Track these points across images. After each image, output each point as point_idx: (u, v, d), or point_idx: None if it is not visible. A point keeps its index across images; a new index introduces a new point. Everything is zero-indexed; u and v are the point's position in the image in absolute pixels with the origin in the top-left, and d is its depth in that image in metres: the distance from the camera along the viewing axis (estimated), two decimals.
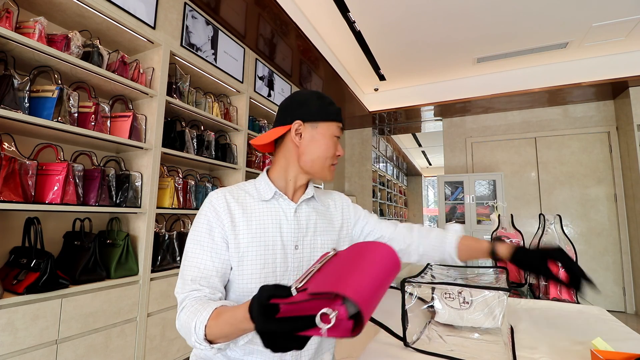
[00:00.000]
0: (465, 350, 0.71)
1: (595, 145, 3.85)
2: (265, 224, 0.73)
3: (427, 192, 10.82)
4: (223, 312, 0.56)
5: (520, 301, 1.09)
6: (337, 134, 0.77)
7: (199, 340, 0.56)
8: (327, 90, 3.77)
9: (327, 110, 0.77)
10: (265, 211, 0.75)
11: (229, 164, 2.35)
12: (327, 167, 0.78)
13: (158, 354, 1.72)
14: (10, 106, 1.22)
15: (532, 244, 1.34)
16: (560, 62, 3.54)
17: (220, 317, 0.55)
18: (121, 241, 1.62)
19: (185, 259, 0.68)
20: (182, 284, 0.66)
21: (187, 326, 0.59)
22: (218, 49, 2.32)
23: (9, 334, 1.16)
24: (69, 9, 1.54)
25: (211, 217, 0.70)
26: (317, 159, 0.76)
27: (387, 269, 0.48)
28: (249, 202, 0.75)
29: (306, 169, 0.78)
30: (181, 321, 0.61)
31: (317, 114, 0.76)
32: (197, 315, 0.57)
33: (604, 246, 3.73)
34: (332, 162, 0.78)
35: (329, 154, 0.77)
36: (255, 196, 0.77)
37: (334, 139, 0.77)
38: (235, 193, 0.75)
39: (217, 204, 0.71)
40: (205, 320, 0.56)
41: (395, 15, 2.74)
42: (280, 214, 0.76)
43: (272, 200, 0.77)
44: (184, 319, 0.60)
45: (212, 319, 0.56)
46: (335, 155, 0.78)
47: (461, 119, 4.55)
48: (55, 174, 1.36)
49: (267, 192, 0.77)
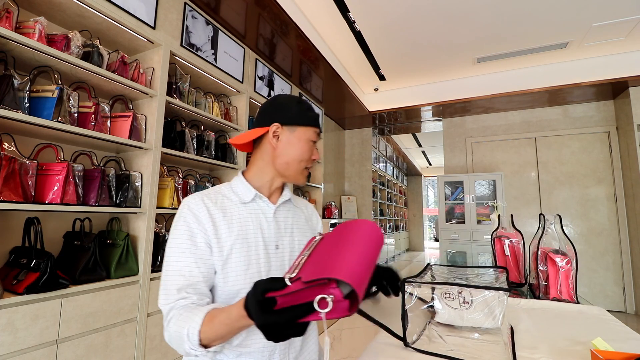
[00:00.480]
0: (465, 350, 0.71)
1: (595, 145, 3.86)
2: (246, 226, 0.74)
3: (427, 192, 10.82)
4: (216, 314, 0.56)
5: (520, 301, 1.09)
6: (314, 138, 0.79)
7: (194, 347, 0.56)
8: (327, 90, 3.78)
9: (305, 115, 0.78)
10: (246, 213, 0.76)
11: (229, 164, 2.35)
12: (301, 171, 0.80)
13: (158, 354, 1.72)
14: (10, 106, 1.22)
15: (532, 244, 1.34)
16: (560, 62, 3.54)
17: (215, 320, 0.55)
18: (121, 241, 1.62)
19: (168, 268, 0.66)
20: (166, 295, 0.63)
21: (178, 335, 0.58)
22: (218, 49, 2.32)
23: (9, 334, 1.16)
24: (69, 9, 1.54)
25: (191, 222, 0.69)
26: (292, 162, 0.78)
27: (373, 245, 0.50)
28: (227, 205, 0.75)
29: (281, 171, 0.79)
30: (171, 332, 0.60)
31: (295, 118, 0.78)
32: (188, 322, 0.57)
33: (604, 246, 3.73)
34: (306, 165, 0.80)
35: (305, 157, 0.78)
36: (233, 199, 0.77)
37: (310, 144, 0.79)
38: (213, 197, 0.75)
39: (196, 209, 0.70)
40: (199, 325, 0.55)
41: (395, 15, 2.75)
42: (260, 216, 0.77)
43: (252, 202, 0.78)
44: (173, 329, 0.59)
45: (206, 323, 0.55)
46: (310, 159, 0.80)
47: (461, 119, 4.56)
48: (55, 174, 1.36)
49: (247, 194, 0.77)
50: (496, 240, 1.40)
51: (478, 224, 3.97)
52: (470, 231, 3.99)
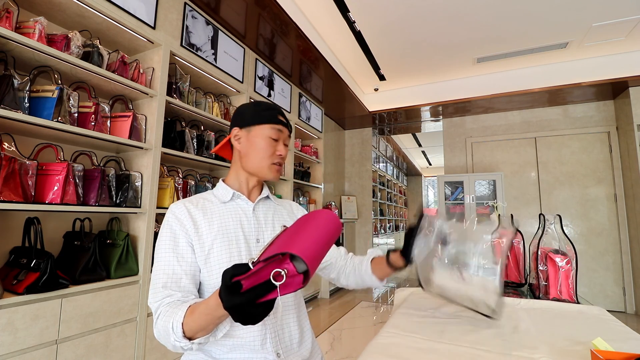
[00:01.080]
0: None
1: (595, 145, 3.86)
2: (226, 222, 0.78)
3: (427, 192, 10.82)
4: (197, 306, 0.59)
5: (520, 301, 1.09)
6: (273, 135, 0.81)
7: (178, 338, 0.58)
8: (327, 90, 3.78)
9: (259, 115, 0.82)
10: (225, 211, 0.80)
11: (228, 164, 2.35)
12: (267, 167, 0.82)
13: (158, 354, 1.72)
14: (10, 106, 1.22)
15: (532, 244, 1.34)
16: (560, 62, 3.54)
17: (196, 311, 0.58)
18: (121, 241, 1.62)
19: (155, 268, 0.71)
20: (153, 292, 0.68)
21: (164, 329, 0.61)
22: (218, 49, 2.32)
23: (9, 334, 1.16)
24: (69, 9, 1.54)
25: (174, 225, 0.74)
26: (254, 159, 0.82)
27: (328, 229, 0.55)
28: (208, 206, 0.80)
29: (249, 170, 0.84)
30: (158, 327, 0.63)
31: (250, 119, 0.82)
32: (172, 316, 0.60)
33: (604, 246, 3.73)
34: (271, 161, 0.82)
35: (265, 154, 0.81)
36: (214, 201, 0.82)
37: (269, 140, 0.81)
38: (195, 201, 0.80)
39: (178, 213, 0.76)
40: (182, 318, 0.58)
41: (395, 15, 2.75)
42: (240, 213, 0.82)
43: (231, 202, 0.83)
44: (161, 324, 0.62)
45: (188, 315, 0.58)
46: (273, 155, 0.82)
47: (461, 119, 4.56)
48: (55, 174, 1.36)
49: (225, 194, 0.83)
50: None
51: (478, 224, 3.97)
52: None
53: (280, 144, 0.84)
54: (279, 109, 0.86)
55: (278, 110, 0.85)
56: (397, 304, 1.10)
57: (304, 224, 0.55)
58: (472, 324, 0.87)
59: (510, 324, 0.87)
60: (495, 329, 0.83)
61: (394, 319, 0.92)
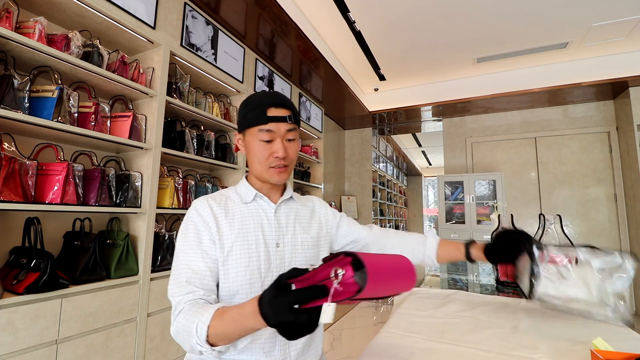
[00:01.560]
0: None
1: (595, 145, 3.86)
2: (247, 224, 0.76)
3: (427, 192, 10.83)
4: (227, 310, 0.55)
5: (521, 301, 1.09)
6: (264, 137, 0.75)
7: (201, 342, 0.55)
8: (327, 90, 3.78)
9: (246, 117, 0.77)
10: (247, 212, 0.78)
11: (229, 164, 2.35)
12: (266, 170, 0.77)
13: (158, 354, 1.72)
14: (10, 106, 1.22)
15: None
16: (560, 62, 3.54)
17: (226, 315, 0.55)
18: (121, 241, 1.62)
19: (178, 262, 0.70)
20: (176, 286, 0.67)
21: (186, 329, 0.57)
22: (218, 49, 2.32)
23: (9, 334, 1.16)
24: (69, 9, 1.54)
25: (198, 222, 0.73)
26: (253, 165, 0.79)
27: (401, 268, 0.52)
28: (230, 205, 0.78)
29: (254, 175, 0.82)
30: (178, 325, 0.61)
31: (241, 123, 0.79)
32: (197, 317, 0.57)
33: (604, 246, 3.72)
34: (269, 165, 0.77)
35: (261, 158, 0.76)
36: (236, 200, 0.80)
37: (260, 143, 0.75)
38: (217, 199, 0.79)
39: (201, 210, 0.75)
40: (208, 321, 0.55)
41: (395, 15, 2.75)
42: (261, 214, 0.79)
43: (253, 202, 0.80)
44: (182, 323, 0.60)
45: (216, 318, 0.55)
46: (270, 157, 0.76)
47: (461, 119, 4.56)
48: (55, 174, 1.36)
49: (248, 194, 0.81)
50: None
51: (478, 224, 3.97)
52: (470, 231, 3.99)
53: (275, 143, 0.75)
54: (272, 101, 0.75)
55: (269, 104, 0.75)
56: (397, 304, 1.10)
57: (382, 255, 0.51)
58: (472, 324, 0.87)
59: (510, 324, 0.87)
60: (495, 329, 0.83)
61: (394, 319, 0.93)
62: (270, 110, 0.74)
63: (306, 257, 0.81)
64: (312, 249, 0.83)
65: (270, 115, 0.74)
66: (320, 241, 0.87)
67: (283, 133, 0.76)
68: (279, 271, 0.76)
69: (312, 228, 0.86)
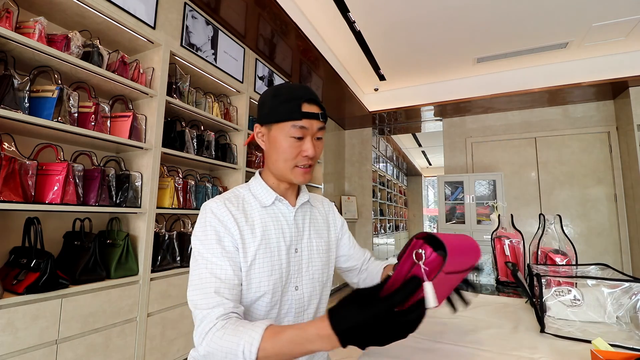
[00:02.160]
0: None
1: (595, 145, 3.85)
2: (268, 230, 0.72)
3: (427, 192, 10.82)
4: (282, 330, 0.51)
5: (521, 301, 1.09)
6: (296, 134, 0.69)
7: None
8: (327, 90, 3.78)
9: (277, 110, 0.70)
10: (267, 217, 0.73)
11: (229, 164, 2.35)
12: (290, 170, 0.72)
13: (158, 354, 1.72)
14: (10, 106, 1.22)
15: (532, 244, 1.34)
16: (560, 62, 3.54)
17: (280, 337, 0.50)
18: (121, 241, 1.62)
19: (201, 270, 0.63)
20: (203, 297, 0.59)
21: (229, 350, 0.52)
22: (218, 49, 2.32)
23: (9, 334, 1.16)
24: (69, 9, 1.54)
25: (218, 227, 0.67)
26: (277, 162, 0.72)
27: (468, 242, 0.56)
28: (248, 209, 0.73)
29: (274, 173, 0.75)
30: (214, 346, 0.53)
31: (269, 116, 0.71)
32: (243, 337, 0.51)
33: (604, 246, 3.72)
34: (294, 164, 0.71)
35: (288, 156, 0.70)
36: (253, 203, 0.74)
37: (290, 140, 0.69)
38: (235, 201, 0.72)
39: (220, 214, 0.68)
40: (258, 343, 0.50)
41: (395, 15, 2.74)
42: (281, 219, 0.75)
43: (272, 206, 0.75)
44: (219, 343, 0.53)
45: (268, 339, 0.50)
46: (298, 156, 0.71)
47: (461, 119, 4.55)
48: (55, 174, 1.36)
49: (267, 197, 0.75)
50: (496, 240, 1.40)
51: (478, 224, 3.97)
52: (470, 231, 3.99)
53: (307, 141, 0.70)
54: (305, 95, 0.70)
55: (304, 98, 0.69)
56: None
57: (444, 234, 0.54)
58: (472, 324, 0.87)
59: (510, 324, 0.87)
60: (495, 329, 0.83)
61: None
62: (304, 106, 0.69)
63: (322, 262, 0.79)
64: (325, 254, 0.81)
65: (305, 111, 0.68)
66: (331, 245, 0.85)
67: (315, 131, 0.71)
68: (296, 277, 0.74)
69: (325, 232, 0.84)
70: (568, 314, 0.83)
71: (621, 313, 0.79)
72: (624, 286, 0.78)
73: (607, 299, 0.80)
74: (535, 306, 0.85)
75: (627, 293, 0.78)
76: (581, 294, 0.83)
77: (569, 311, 0.83)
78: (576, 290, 0.83)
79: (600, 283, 0.82)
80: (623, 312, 0.78)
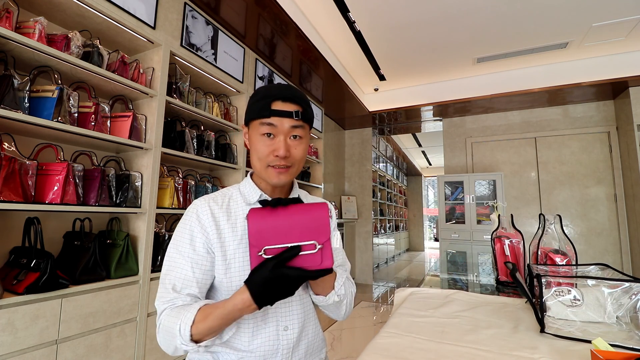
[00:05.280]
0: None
1: (595, 145, 3.86)
2: None
3: (427, 192, 10.83)
4: (213, 305, 0.60)
5: (521, 301, 1.09)
6: (264, 131, 0.68)
7: (185, 342, 0.57)
8: (327, 90, 3.78)
9: (251, 109, 0.71)
10: None
11: (229, 164, 2.35)
12: (264, 169, 0.70)
13: (158, 354, 1.72)
14: (10, 106, 1.22)
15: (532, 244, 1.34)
16: (560, 62, 3.54)
17: (212, 315, 0.58)
18: (121, 241, 1.62)
19: (167, 267, 0.68)
20: (163, 292, 0.66)
21: (170, 331, 0.59)
22: (218, 49, 2.32)
23: (9, 334, 1.16)
24: (69, 9, 1.54)
25: (194, 227, 0.69)
26: (253, 161, 0.73)
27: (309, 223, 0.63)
28: (233, 207, 0.74)
29: (255, 172, 0.76)
30: (162, 329, 0.62)
31: (248, 114, 0.73)
32: (180, 318, 0.59)
33: (604, 246, 3.73)
34: (267, 163, 0.70)
35: (260, 154, 0.70)
36: (239, 200, 0.75)
37: (262, 138, 0.69)
38: (220, 200, 0.74)
39: (200, 213, 0.70)
40: (192, 319, 0.58)
41: (395, 15, 2.75)
42: None
43: (256, 203, 0.75)
44: (165, 324, 0.61)
45: (200, 313, 0.58)
46: (269, 155, 0.69)
47: (461, 119, 4.56)
48: (55, 174, 1.36)
49: (252, 195, 0.75)
50: (496, 240, 1.40)
51: (478, 224, 3.97)
52: (470, 231, 3.99)
53: (277, 140, 0.68)
54: (280, 94, 0.69)
55: (277, 97, 0.69)
56: (397, 304, 1.10)
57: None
58: (472, 324, 0.87)
59: (510, 324, 0.87)
60: (495, 329, 0.83)
61: (394, 319, 0.92)
62: (275, 104, 0.68)
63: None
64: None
65: (275, 109, 0.68)
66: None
67: (287, 130, 0.69)
68: None
69: None
70: (568, 314, 0.83)
71: (621, 313, 0.79)
72: (624, 286, 0.78)
73: (607, 299, 0.80)
74: (535, 306, 0.85)
75: (627, 293, 0.78)
76: (581, 294, 0.83)
77: (569, 311, 0.83)
78: (576, 290, 0.84)
79: (600, 283, 0.82)
80: (623, 312, 0.78)
